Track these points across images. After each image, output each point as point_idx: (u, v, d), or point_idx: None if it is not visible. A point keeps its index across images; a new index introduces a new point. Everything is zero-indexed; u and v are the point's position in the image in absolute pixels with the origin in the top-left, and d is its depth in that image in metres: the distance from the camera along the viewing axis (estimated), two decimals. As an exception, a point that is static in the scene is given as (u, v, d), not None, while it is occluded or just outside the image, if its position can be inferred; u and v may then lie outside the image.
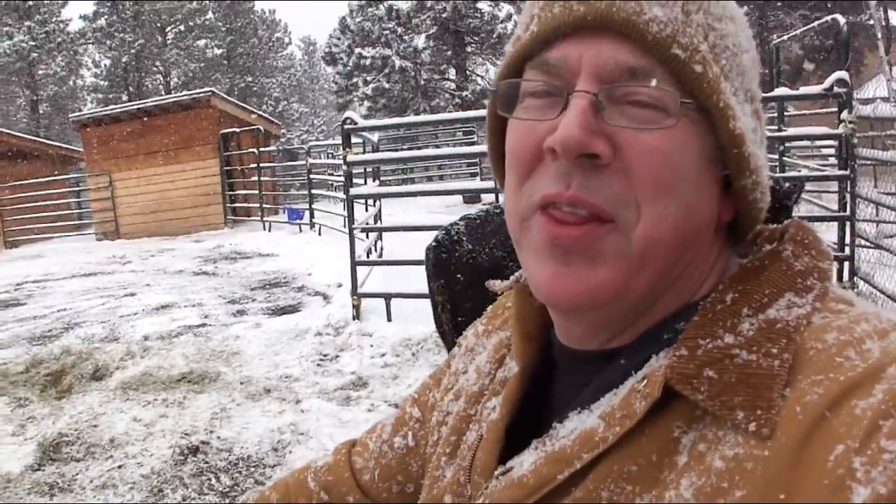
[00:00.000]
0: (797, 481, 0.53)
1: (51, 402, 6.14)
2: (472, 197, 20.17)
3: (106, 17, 46.67)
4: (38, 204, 22.64)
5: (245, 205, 20.07)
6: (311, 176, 16.57)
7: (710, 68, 0.66)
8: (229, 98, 22.56)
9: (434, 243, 1.21)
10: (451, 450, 0.89)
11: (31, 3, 43.50)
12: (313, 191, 16.66)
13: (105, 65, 48.82)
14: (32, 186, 22.83)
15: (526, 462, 0.72)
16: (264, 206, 18.73)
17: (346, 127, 7.91)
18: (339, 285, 9.52)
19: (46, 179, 23.56)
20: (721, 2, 0.70)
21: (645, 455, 0.63)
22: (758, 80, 0.75)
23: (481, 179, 14.08)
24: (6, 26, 43.10)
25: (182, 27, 49.62)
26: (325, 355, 6.95)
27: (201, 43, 50.72)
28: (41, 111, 46.57)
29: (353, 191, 8.28)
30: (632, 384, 0.67)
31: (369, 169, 12.79)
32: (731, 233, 0.76)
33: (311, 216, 16.33)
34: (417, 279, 6.61)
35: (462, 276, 1.22)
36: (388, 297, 7.55)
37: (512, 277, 0.92)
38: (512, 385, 0.83)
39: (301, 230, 16.64)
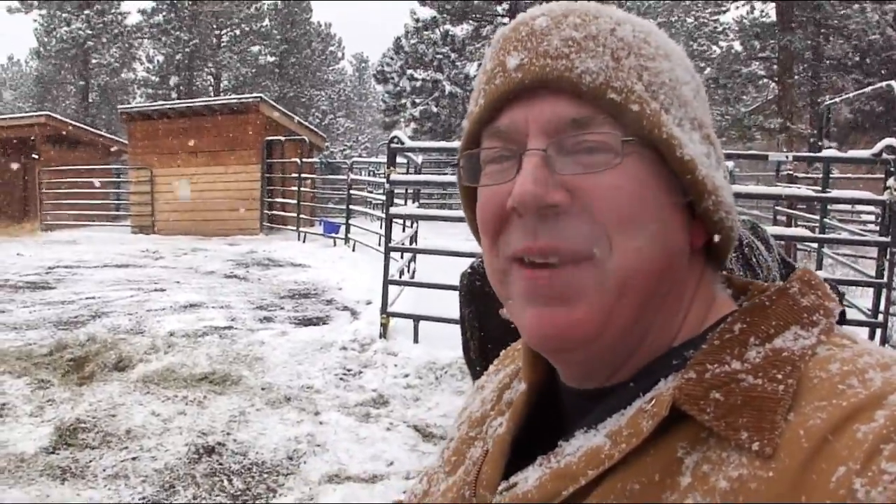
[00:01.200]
0: (800, 502, 0.54)
1: (71, 388, 6.16)
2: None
3: (164, 13, 47.32)
4: (78, 191, 22.95)
5: (282, 213, 20.15)
6: (351, 191, 16.64)
7: (647, 105, 0.69)
8: (277, 106, 22.71)
9: (469, 270, 1.21)
10: (450, 468, 0.91)
11: (91, -8, 44.23)
12: (351, 206, 16.73)
13: (158, 60, 49.47)
14: (74, 173, 23.17)
15: (531, 478, 0.73)
16: (301, 216, 18.79)
17: (392, 146, 7.93)
18: (369, 302, 9.52)
19: (89, 167, 23.88)
20: (652, 42, 0.74)
21: (648, 474, 0.64)
22: (706, 106, 0.78)
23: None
24: (65, 13, 43.84)
25: (237, 31, 50.15)
26: (348, 370, 6.92)
27: (255, 49, 51.17)
28: (91, 100, 47.19)
29: (392, 209, 8.29)
30: (639, 405, 0.68)
31: (410, 190, 12.82)
32: (709, 258, 0.78)
33: (347, 231, 16.37)
34: (447, 304, 6.63)
35: (494, 305, 1.20)
36: (416, 319, 7.52)
37: None
38: (519, 401, 0.85)
39: (335, 244, 16.68)
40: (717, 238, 0.75)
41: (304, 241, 17.88)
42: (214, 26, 49.14)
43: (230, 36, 50.48)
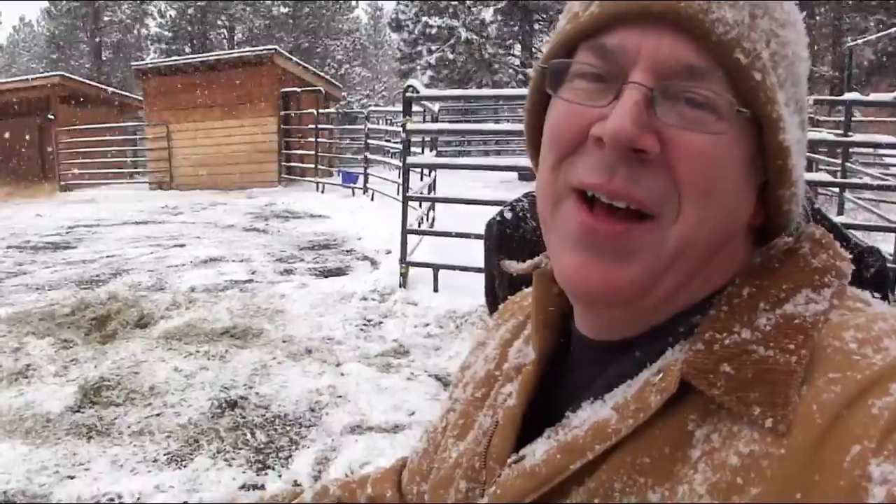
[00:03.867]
0: (813, 481, 0.53)
1: (94, 346, 6.21)
2: (527, 174, 20.02)
3: (175, -34, 46.99)
4: (95, 150, 23.04)
5: (300, 165, 20.14)
6: (369, 141, 16.57)
7: (769, 77, 0.64)
8: (292, 57, 22.56)
9: (498, 218, 1.17)
10: (458, 432, 0.89)
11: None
12: (369, 156, 16.66)
13: (170, 15, 49.21)
14: (90, 132, 23.22)
15: (538, 451, 0.72)
16: (319, 167, 18.75)
17: (408, 95, 7.85)
18: (388, 252, 9.50)
19: (105, 126, 23.90)
20: (786, 6, 0.69)
21: (658, 447, 0.63)
22: (806, 87, 0.73)
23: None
24: (74, -30, 43.63)
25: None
26: (368, 320, 6.93)
27: (267, 0, 50.81)
28: (104, 58, 47.07)
29: (409, 159, 8.23)
30: (646, 377, 0.66)
31: (427, 139, 12.73)
32: (757, 236, 0.74)
33: (366, 181, 16.33)
34: (466, 252, 6.60)
35: (524, 253, 1.17)
36: (436, 268, 7.50)
37: (529, 262, 0.89)
38: (528, 372, 0.82)
39: (354, 194, 16.64)
40: (787, 238, 0.70)
41: (322, 192, 17.87)
42: (227, -23, 48.72)
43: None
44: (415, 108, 9.30)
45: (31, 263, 10.49)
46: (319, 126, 18.60)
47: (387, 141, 16.69)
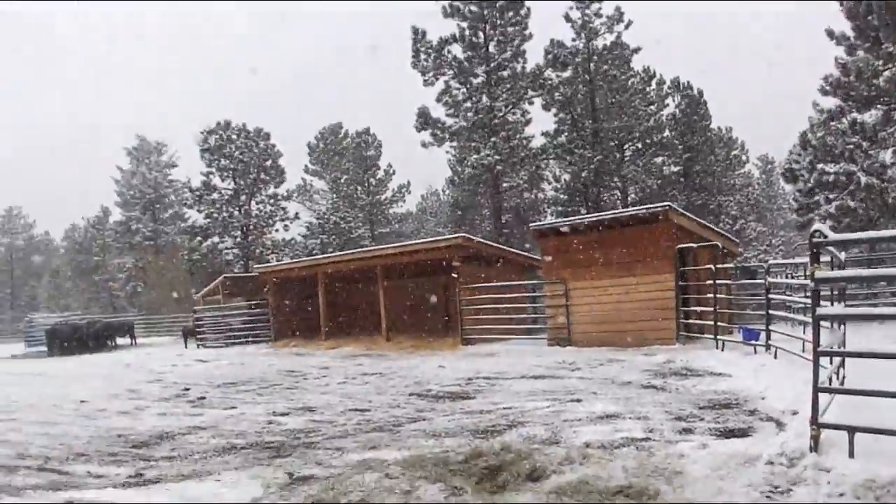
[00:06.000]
0: None
1: (484, 496, 6.29)
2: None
3: (566, 134, 49.44)
4: (496, 306, 24.31)
5: (698, 322, 19.68)
6: (770, 296, 15.85)
7: None
8: (686, 213, 22.49)
9: None
10: None
11: (496, 120, 47.51)
12: (770, 311, 15.88)
13: (564, 179, 51.55)
14: (491, 289, 24.70)
15: None
16: (718, 323, 18.19)
17: (815, 240, 7.39)
18: (795, 412, 8.82)
19: (504, 284, 25.29)
20: None
21: None
22: None
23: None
24: (474, 142, 47.54)
25: (639, 144, 50.97)
26: (775, 487, 6.37)
27: (658, 160, 51.63)
28: (503, 220, 50.19)
29: (820, 311, 7.66)
30: None
31: (835, 291, 11.90)
32: None
33: (768, 337, 15.52)
34: (886, 412, 5.91)
35: None
36: (851, 430, 6.79)
37: None
38: None
39: (756, 351, 15.85)
40: None
41: (722, 350, 17.23)
42: (616, 142, 50.40)
43: (633, 149, 51.47)
44: (822, 257, 8.73)
45: (431, 411, 11.13)
46: (718, 281, 18.15)
47: (788, 295, 15.88)
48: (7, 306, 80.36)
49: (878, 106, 27.26)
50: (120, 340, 41.31)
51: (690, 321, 20.00)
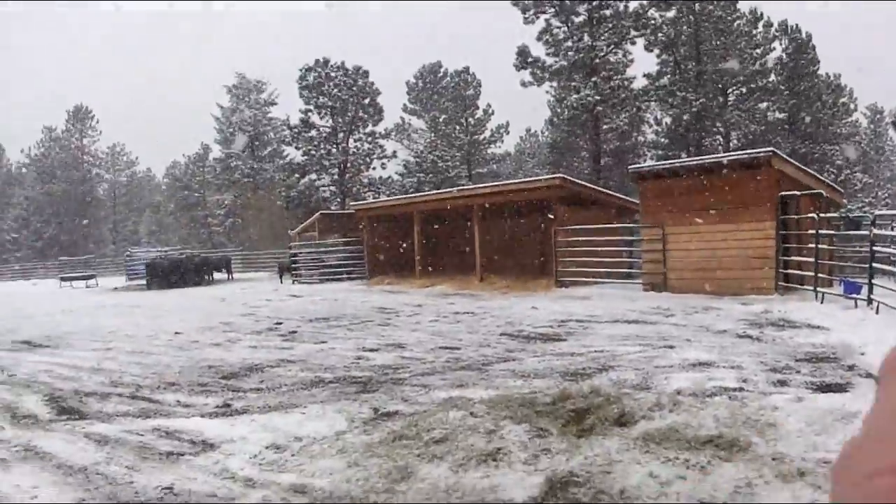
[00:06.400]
0: None
1: (569, 439, 6.25)
2: None
3: (669, 76, 48.38)
4: (592, 249, 24.08)
5: (798, 272, 19.15)
6: (875, 248, 15.28)
7: None
8: (790, 160, 21.75)
9: None
10: None
11: (598, 61, 46.66)
12: (874, 264, 15.34)
13: (666, 122, 50.60)
14: (588, 232, 24.42)
15: None
16: (819, 275, 17.66)
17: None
18: None
19: (601, 227, 25.00)
20: None
21: None
22: None
23: None
24: (574, 82, 46.80)
25: (744, 89, 49.48)
26: (872, 444, 6.18)
27: (762, 105, 50.01)
28: (602, 162, 49.53)
29: (925, 265, 7.35)
30: None
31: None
32: None
33: (870, 291, 14.99)
34: None
35: None
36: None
37: None
38: None
39: (856, 305, 15.37)
40: None
41: (821, 302, 16.76)
42: (720, 85, 48.99)
43: (736, 94, 49.99)
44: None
45: (521, 351, 11.15)
46: (820, 232, 17.58)
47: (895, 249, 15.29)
48: (109, 241, 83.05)
49: None
50: (217, 275, 42.72)
51: (790, 271, 19.46)
